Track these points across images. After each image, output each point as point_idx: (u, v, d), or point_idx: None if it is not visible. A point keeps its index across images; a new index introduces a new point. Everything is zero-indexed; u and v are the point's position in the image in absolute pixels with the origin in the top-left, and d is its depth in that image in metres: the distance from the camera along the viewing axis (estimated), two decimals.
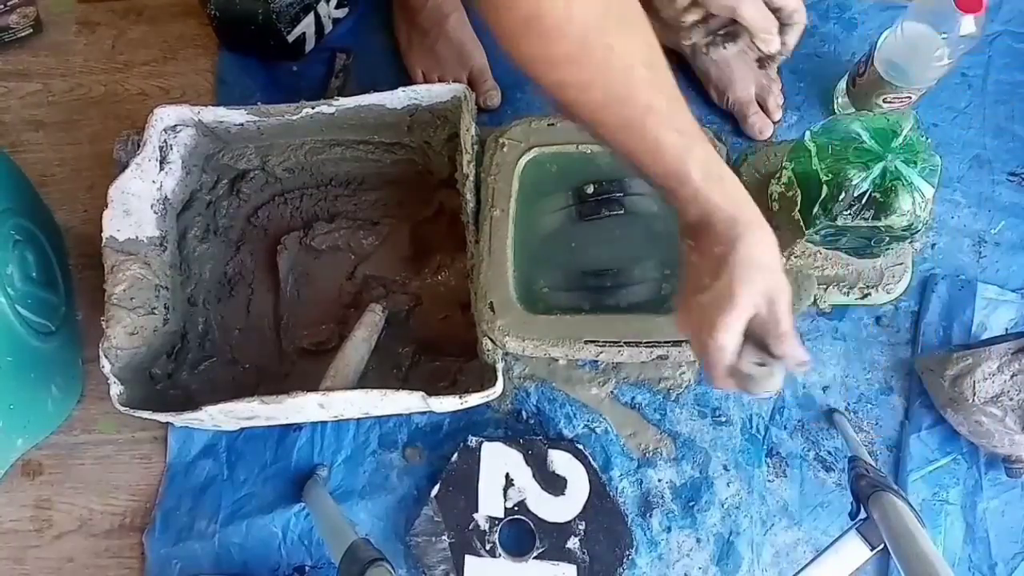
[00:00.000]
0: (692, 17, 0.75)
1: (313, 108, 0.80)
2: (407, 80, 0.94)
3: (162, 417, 0.74)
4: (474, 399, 0.75)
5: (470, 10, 0.94)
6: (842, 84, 0.90)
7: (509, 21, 0.49)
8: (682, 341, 0.73)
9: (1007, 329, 0.84)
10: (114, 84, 0.98)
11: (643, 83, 0.52)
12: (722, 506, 0.82)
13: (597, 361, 0.86)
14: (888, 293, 0.82)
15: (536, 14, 0.48)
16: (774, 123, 0.91)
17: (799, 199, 0.74)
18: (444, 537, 0.81)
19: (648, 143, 0.53)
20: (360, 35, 0.98)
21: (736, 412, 0.85)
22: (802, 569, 0.64)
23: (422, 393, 0.72)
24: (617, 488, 0.83)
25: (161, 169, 0.80)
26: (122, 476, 0.86)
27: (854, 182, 0.68)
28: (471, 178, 0.79)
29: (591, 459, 0.82)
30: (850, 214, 0.70)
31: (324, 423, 0.85)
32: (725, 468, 0.83)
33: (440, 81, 0.92)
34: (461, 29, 0.93)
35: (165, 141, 0.80)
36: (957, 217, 0.89)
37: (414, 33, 0.94)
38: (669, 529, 0.82)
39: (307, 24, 0.93)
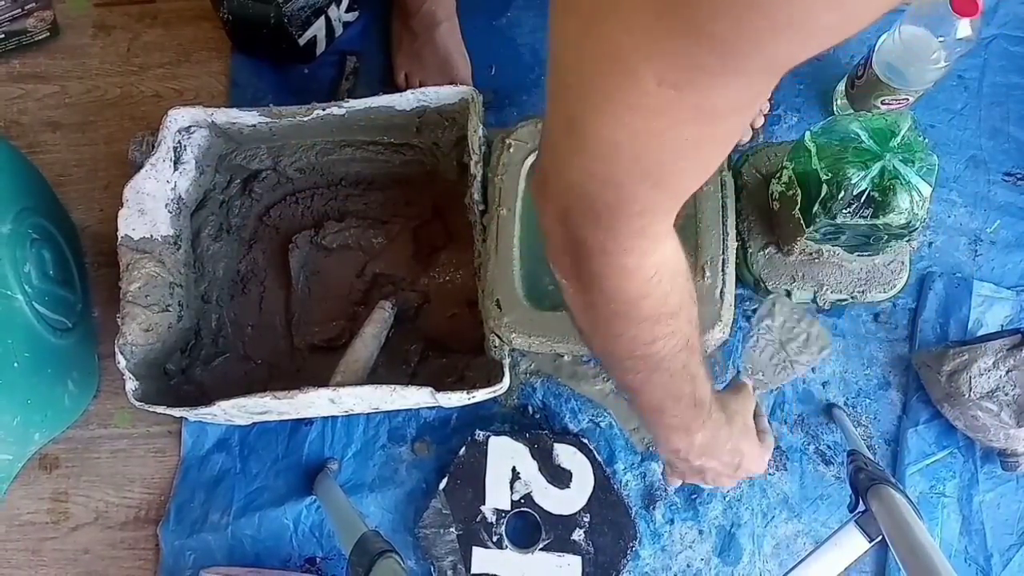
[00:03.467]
0: None
1: (324, 110, 0.81)
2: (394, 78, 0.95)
3: (176, 412, 0.76)
4: (481, 394, 0.76)
5: (463, 22, 0.95)
6: (841, 86, 0.92)
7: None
8: None
9: (1002, 326, 0.86)
10: (129, 86, 0.99)
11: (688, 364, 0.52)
12: (724, 499, 0.84)
13: None
14: (886, 291, 0.83)
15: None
16: (753, 130, 0.92)
17: (799, 198, 0.75)
18: (452, 529, 0.82)
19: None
20: (370, 38, 0.99)
21: None
22: (802, 561, 0.66)
23: (431, 389, 0.73)
24: (621, 481, 0.84)
25: (175, 169, 0.82)
26: (137, 469, 0.88)
27: (853, 181, 0.69)
28: (478, 178, 0.81)
29: (596, 453, 0.83)
30: (849, 212, 0.71)
31: (334, 418, 0.87)
32: None
33: (421, 86, 0.93)
34: (449, 38, 0.94)
35: (179, 142, 0.82)
36: (954, 216, 0.90)
37: (405, 34, 0.95)
38: (672, 521, 0.84)
39: (318, 27, 0.94)
